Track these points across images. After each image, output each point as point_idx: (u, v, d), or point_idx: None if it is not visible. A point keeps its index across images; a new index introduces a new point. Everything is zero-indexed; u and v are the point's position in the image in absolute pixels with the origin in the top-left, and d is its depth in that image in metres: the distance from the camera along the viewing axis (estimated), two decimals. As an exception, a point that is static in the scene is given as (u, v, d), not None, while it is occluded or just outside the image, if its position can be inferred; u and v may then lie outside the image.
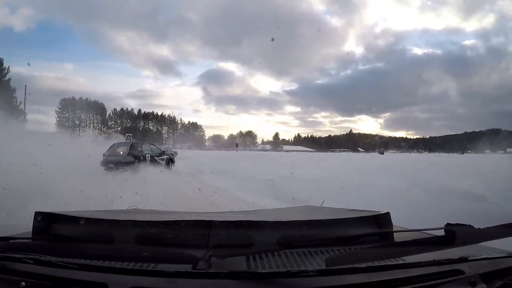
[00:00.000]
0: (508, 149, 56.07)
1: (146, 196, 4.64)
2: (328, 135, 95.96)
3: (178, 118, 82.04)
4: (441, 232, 0.82)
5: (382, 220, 1.05)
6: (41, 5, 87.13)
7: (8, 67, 37.30)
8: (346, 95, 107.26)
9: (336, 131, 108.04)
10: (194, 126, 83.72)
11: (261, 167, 13.38)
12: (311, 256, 0.90)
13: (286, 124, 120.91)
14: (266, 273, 0.78)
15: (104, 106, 72.62)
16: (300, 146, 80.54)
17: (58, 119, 65.12)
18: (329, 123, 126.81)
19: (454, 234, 0.79)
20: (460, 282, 0.80)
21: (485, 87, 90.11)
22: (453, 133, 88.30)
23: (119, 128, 67.12)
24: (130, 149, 11.51)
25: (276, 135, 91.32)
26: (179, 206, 4.72)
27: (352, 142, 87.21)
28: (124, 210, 1.54)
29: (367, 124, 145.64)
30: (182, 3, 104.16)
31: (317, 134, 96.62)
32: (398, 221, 1.11)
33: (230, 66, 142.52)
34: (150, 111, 80.00)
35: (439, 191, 5.98)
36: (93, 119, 71.57)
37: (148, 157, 11.65)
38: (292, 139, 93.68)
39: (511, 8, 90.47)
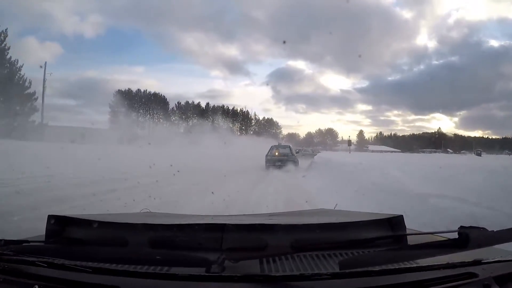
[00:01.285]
0: None
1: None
2: (411, 133, 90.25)
3: (251, 113, 76.32)
4: (455, 235, 0.82)
5: (395, 223, 1.04)
6: (108, 11, 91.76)
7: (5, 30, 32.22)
8: (419, 92, 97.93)
9: (409, 130, 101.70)
10: (270, 123, 76.89)
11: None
12: (325, 259, 0.90)
13: (357, 123, 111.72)
14: (279, 277, 0.78)
15: (166, 98, 66.77)
16: (384, 146, 74.89)
17: (111, 113, 57.01)
18: (402, 122, 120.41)
19: (468, 237, 0.79)
20: (473, 285, 0.79)
21: None
22: None
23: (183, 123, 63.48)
24: (290, 150, 16.34)
25: (361, 133, 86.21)
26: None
27: (441, 142, 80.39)
28: (137, 213, 1.55)
29: (441, 123, 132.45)
30: (248, 2, 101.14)
31: (388, 133, 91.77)
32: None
33: (299, 64, 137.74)
34: (220, 104, 73.68)
35: None
36: (153, 113, 65.22)
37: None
38: (373, 138, 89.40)
39: None
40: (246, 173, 11.63)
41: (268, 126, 75.44)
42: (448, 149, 74.17)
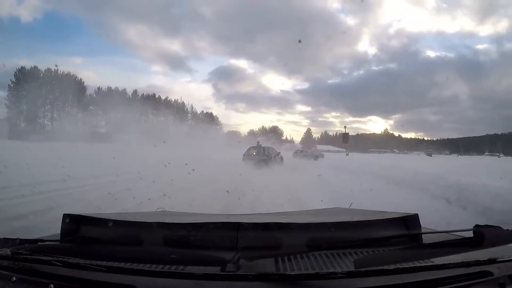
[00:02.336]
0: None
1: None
2: (356, 133, 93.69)
3: (188, 105, 67.85)
4: (470, 234, 0.82)
5: (410, 221, 1.04)
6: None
7: None
8: (358, 95, 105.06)
9: (344, 131, 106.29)
10: (209, 117, 68.50)
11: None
12: (340, 258, 0.90)
13: (297, 123, 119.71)
14: (294, 275, 0.78)
15: (83, 82, 54.12)
16: (330, 146, 71.77)
17: (8, 98, 46.00)
18: (339, 123, 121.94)
19: (483, 236, 0.79)
20: (489, 283, 0.80)
21: (496, 92, 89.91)
22: (464, 136, 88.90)
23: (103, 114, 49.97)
24: (263, 151, 17.19)
25: (308, 131, 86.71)
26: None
27: (384, 143, 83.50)
28: (152, 212, 1.54)
29: (376, 125, 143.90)
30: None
31: (333, 133, 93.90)
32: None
33: (242, 64, 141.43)
34: (151, 93, 64.59)
35: None
36: (65, 99, 52.07)
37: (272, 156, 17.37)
38: (319, 137, 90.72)
39: None
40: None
41: (208, 121, 66.31)
42: (395, 149, 76.31)
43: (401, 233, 1.02)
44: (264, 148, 17.98)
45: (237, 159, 16.17)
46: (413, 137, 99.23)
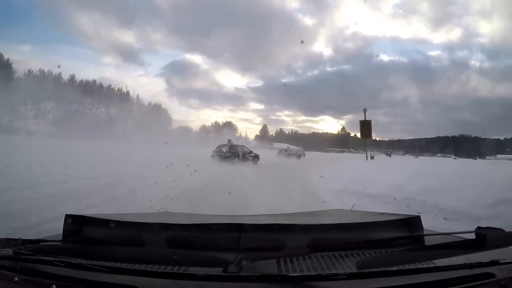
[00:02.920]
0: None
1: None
2: (311, 132, 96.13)
3: (133, 95, 60.21)
4: (472, 236, 0.82)
5: (412, 223, 1.05)
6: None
7: None
8: (311, 95, 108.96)
9: (298, 130, 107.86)
10: (157, 109, 60.43)
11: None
12: (342, 259, 0.90)
13: (249, 121, 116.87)
14: (297, 277, 0.78)
15: (10, 63, 44.60)
16: (285, 144, 70.23)
17: None
18: (292, 122, 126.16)
19: (485, 237, 0.80)
20: (491, 285, 0.80)
21: (446, 96, 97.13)
22: (413, 138, 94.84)
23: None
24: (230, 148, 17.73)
25: (264, 128, 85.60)
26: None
27: (341, 142, 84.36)
28: (154, 213, 1.53)
29: (328, 125, 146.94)
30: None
31: (288, 131, 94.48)
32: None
33: (196, 59, 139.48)
34: (91, 79, 56.52)
35: None
36: None
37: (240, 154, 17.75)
38: (274, 134, 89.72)
39: (477, 25, 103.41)
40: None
41: (156, 113, 59.13)
42: (351, 149, 76.98)
43: (403, 234, 1.03)
44: (238, 147, 18.36)
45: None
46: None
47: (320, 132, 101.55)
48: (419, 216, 1.06)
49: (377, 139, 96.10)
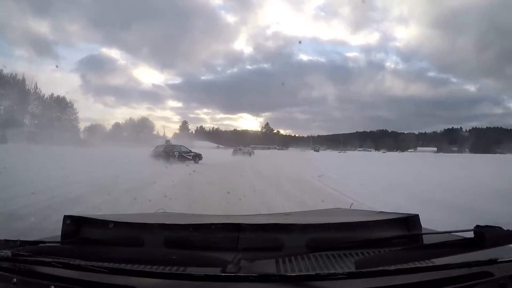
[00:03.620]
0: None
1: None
2: (233, 129, 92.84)
3: (31, 84, 44.67)
4: (471, 234, 0.82)
5: (411, 222, 1.05)
6: None
7: None
8: (230, 92, 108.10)
9: (219, 127, 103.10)
10: (60, 104, 47.20)
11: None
12: (341, 258, 0.90)
13: (168, 119, 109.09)
14: (295, 276, 0.78)
15: None
16: (207, 142, 63.52)
17: None
18: (211, 120, 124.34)
19: (484, 236, 0.80)
20: (489, 284, 0.80)
21: (362, 95, 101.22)
22: (332, 134, 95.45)
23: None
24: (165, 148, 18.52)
25: (184, 124, 79.84)
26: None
27: (264, 139, 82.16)
28: (152, 213, 1.53)
29: (247, 122, 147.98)
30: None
31: (209, 128, 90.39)
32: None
33: (114, 53, 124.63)
34: None
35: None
36: None
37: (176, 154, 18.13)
38: (194, 132, 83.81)
39: (394, 30, 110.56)
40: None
41: (59, 108, 47.26)
42: (276, 146, 76.09)
43: (402, 233, 1.03)
44: (175, 146, 18.80)
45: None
46: (283, 133, 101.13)
47: (240, 129, 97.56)
48: (418, 215, 1.05)
49: (296, 135, 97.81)
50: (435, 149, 70.94)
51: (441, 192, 6.69)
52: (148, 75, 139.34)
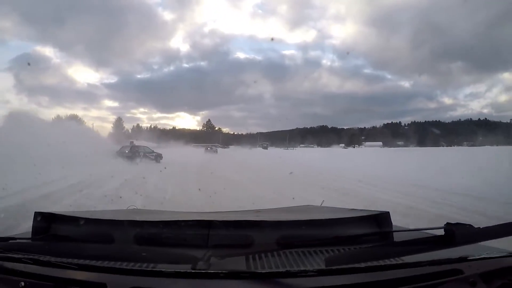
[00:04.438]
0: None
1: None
2: (172, 127, 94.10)
3: None
4: (441, 232, 0.82)
5: (381, 219, 1.05)
6: None
7: None
8: (167, 91, 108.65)
9: (155, 127, 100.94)
10: None
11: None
12: (311, 256, 0.90)
13: (103, 119, 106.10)
14: (265, 273, 0.78)
15: None
16: (150, 142, 60.83)
17: None
18: (147, 119, 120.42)
19: (454, 234, 0.79)
20: (460, 281, 0.80)
21: (298, 92, 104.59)
22: (271, 131, 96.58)
23: None
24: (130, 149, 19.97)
25: (119, 121, 77.22)
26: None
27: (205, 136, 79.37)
28: (123, 210, 1.53)
29: (184, 121, 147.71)
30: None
31: (146, 126, 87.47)
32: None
33: (47, 51, 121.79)
34: None
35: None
36: None
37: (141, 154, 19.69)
38: (130, 130, 78.79)
39: (330, 28, 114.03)
40: None
41: None
42: (217, 144, 74.25)
43: (372, 231, 1.03)
44: (139, 147, 20.59)
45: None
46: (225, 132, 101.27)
47: (178, 128, 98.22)
48: (388, 212, 1.06)
49: (234, 133, 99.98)
50: (381, 143, 74.75)
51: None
52: (83, 74, 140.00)
